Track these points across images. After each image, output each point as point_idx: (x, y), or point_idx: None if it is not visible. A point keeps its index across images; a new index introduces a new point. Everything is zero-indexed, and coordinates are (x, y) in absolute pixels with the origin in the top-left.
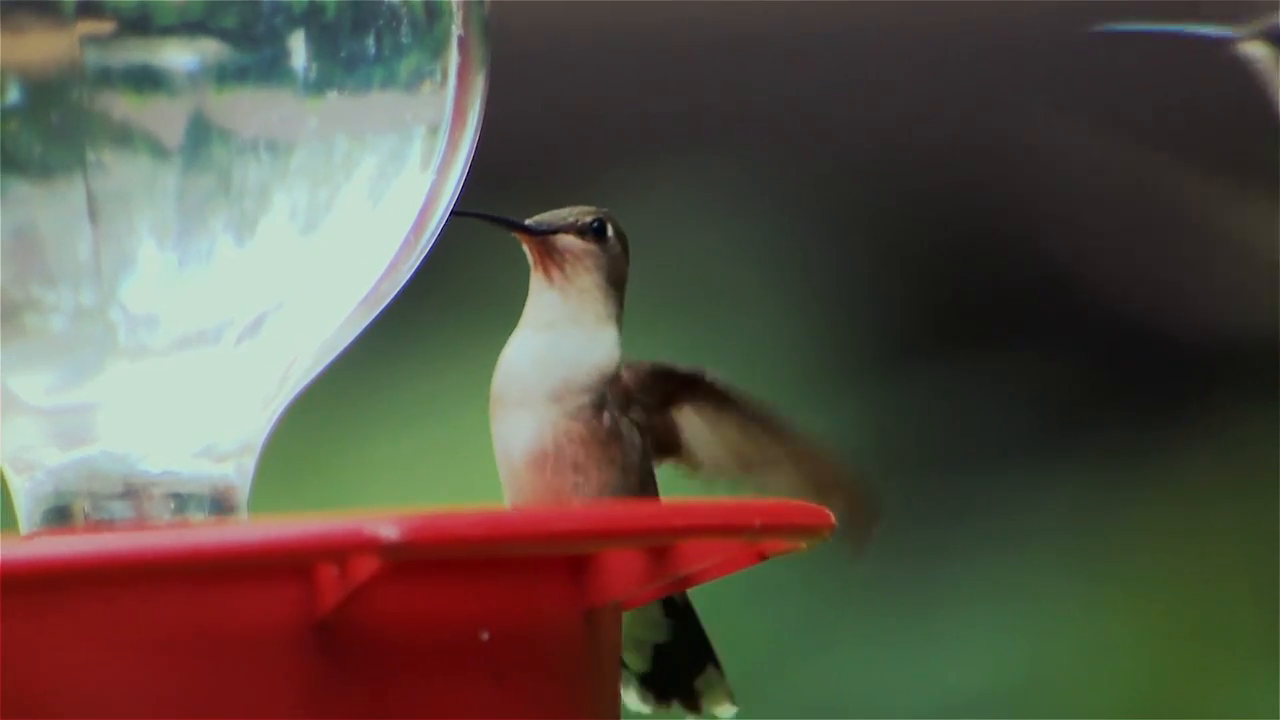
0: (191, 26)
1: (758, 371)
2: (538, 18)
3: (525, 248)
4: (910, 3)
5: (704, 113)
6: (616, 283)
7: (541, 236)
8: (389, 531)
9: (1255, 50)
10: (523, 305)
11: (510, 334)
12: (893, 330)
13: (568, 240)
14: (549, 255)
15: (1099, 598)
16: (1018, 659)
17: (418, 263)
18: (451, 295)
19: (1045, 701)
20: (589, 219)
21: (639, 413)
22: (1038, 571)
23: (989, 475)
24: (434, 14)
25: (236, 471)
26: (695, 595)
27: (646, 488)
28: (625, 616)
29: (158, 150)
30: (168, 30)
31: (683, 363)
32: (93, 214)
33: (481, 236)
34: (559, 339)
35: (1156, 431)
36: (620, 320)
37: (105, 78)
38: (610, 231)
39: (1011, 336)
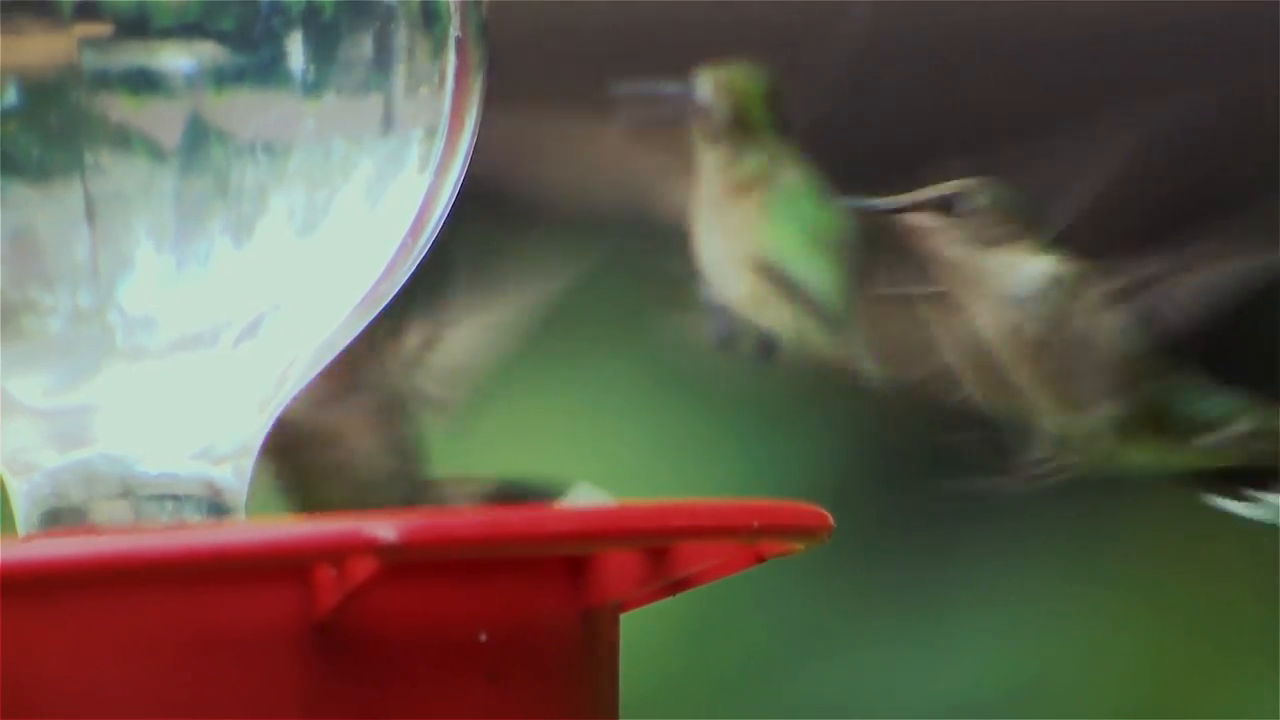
0: (189, 29)
1: (756, 373)
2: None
3: None
4: (916, 3)
5: None
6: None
7: None
8: (387, 532)
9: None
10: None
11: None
12: None
13: None
14: None
15: (1098, 600)
16: (1018, 661)
17: (415, 264)
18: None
19: (1045, 703)
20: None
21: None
22: (1038, 574)
23: (989, 478)
24: (431, 16)
25: (234, 473)
26: (695, 597)
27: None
28: None
29: (155, 152)
30: (165, 32)
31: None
32: (90, 216)
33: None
34: None
35: None
36: None
37: (103, 80)
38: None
39: None
